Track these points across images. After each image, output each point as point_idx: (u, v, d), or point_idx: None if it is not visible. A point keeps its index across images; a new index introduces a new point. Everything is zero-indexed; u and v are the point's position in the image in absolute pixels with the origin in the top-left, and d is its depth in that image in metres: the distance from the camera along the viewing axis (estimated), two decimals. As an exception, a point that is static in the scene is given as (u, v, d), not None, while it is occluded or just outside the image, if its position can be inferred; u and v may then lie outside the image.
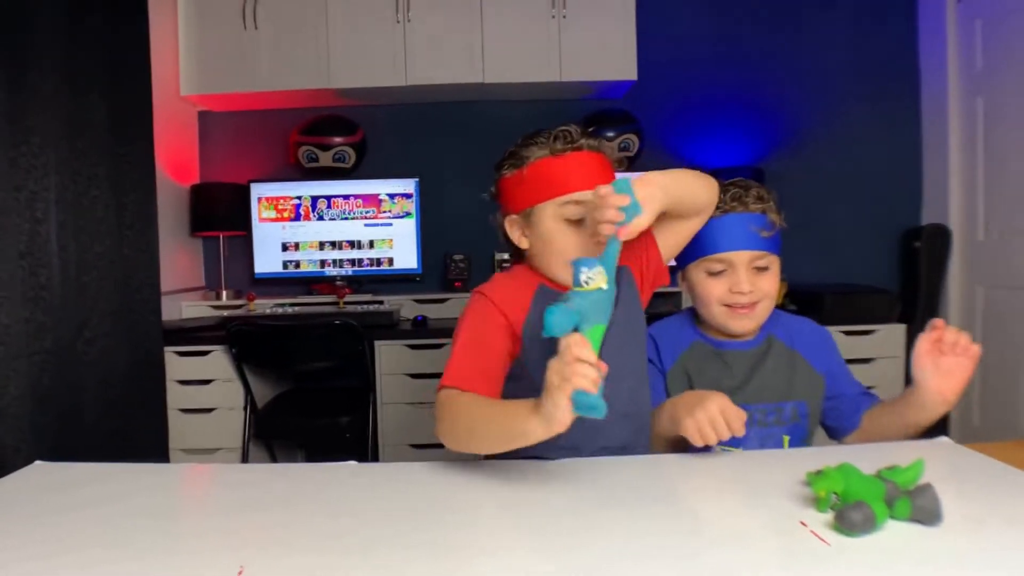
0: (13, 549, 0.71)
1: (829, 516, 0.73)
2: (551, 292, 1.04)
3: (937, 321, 1.05)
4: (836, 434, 1.21)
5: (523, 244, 1.08)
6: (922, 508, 0.71)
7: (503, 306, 1.03)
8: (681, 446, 1.04)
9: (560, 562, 0.66)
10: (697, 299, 1.19)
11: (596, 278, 0.81)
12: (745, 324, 1.15)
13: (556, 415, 0.76)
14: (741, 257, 1.12)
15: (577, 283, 0.81)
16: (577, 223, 1.02)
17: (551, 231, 1.04)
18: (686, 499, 0.84)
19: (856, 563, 0.64)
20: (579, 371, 0.74)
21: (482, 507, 0.82)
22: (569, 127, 1.06)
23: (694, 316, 1.24)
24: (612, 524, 0.76)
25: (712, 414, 0.95)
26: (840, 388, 1.19)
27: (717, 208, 1.14)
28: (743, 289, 1.12)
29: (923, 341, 1.04)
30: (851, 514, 0.68)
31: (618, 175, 1.04)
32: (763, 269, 1.14)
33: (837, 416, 1.19)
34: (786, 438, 1.15)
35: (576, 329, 0.78)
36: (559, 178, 1.03)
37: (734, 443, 1.09)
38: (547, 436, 0.80)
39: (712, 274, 1.15)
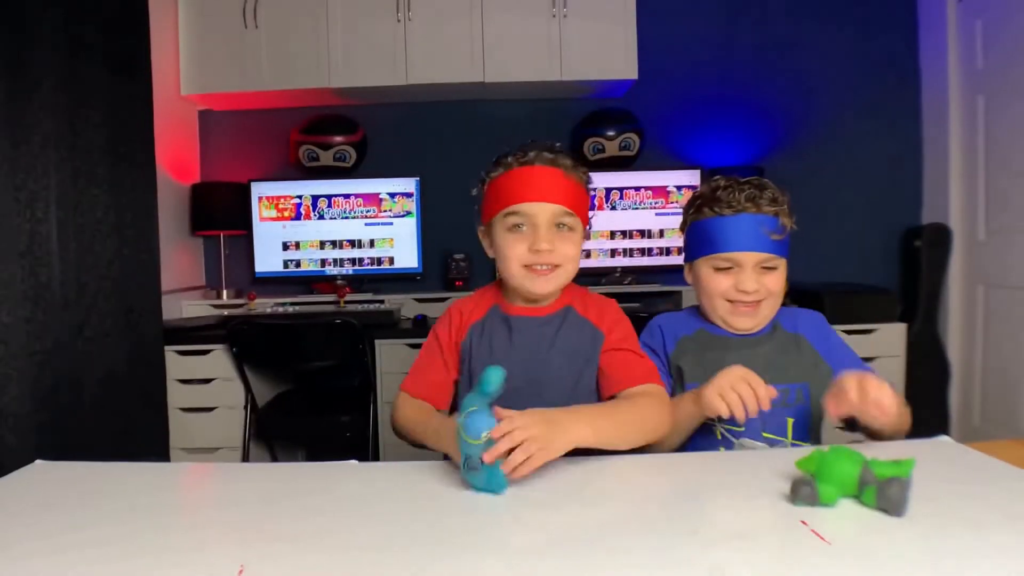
0: (13, 548, 0.71)
1: (827, 514, 0.73)
2: (499, 313, 1.19)
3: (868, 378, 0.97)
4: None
5: (491, 254, 1.19)
6: (886, 497, 0.73)
7: (462, 321, 1.20)
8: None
9: (560, 561, 0.66)
10: (702, 292, 1.21)
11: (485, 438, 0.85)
12: (746, 322, 1.17)
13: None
14: (749, 258, 1.13)
15: (470, 434, 0.85)
16: (522, 233, 1.12)
17: (500, 240, 1.14)
18: (686, 498, 0.84)
19: (856, 563, 0.64)
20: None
21: (483, 506, 0.82)
22: (529, 145, 1.14)
23: (700, 310, 1.26)
24: (612, 523, 0.76)
25: (734, 379, 0.97)
26: (841, 366, 1.16)
27: (730, 207, 1.14)
28: (748, 288, 1.13)
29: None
30: (799, 487, 0.77)
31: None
32: (770, 268, 1.15)
33: None
34: (790, 420, 1.14)
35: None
36: (504, 192, 1.12)
37: (735, 421, 1.07)
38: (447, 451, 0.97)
39: (719, 269, 1.16)
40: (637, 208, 2.85)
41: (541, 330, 1.16)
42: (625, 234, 2.86)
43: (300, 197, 2.83)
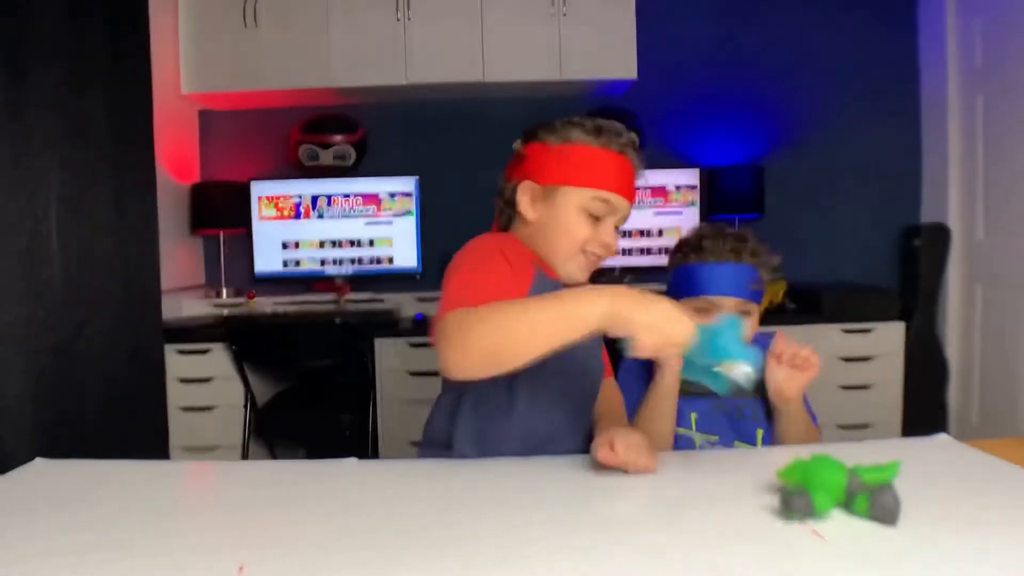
0: (13, 546, 0.71)
1: (840, 525, 0.73)
2: (546, 279, 1.04)
3: (778, 336, 1.16)
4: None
5: (530, 215, 1.06)
6: (880, 506, 0.71)
7: (524, 267, 1.01)
8: None
9: (560, 561, 0.66)
10: None
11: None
12: None
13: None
14: (727, 303, 1.21)
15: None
16: (595, 219, 1.04)
17: (571, 217, 1.03)
18: (684, 498, 0.84)
19: (856, 563, 0.64)
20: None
21: (483, 505, 0.82)
22: (616, 125, 1.06)
23: None
24: (612, 523, 0.76)
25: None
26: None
27: (713, 256, 1.22)
28: None
29: (769, 355, 1.14)
30: (793, 500, 0.72)
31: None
32: (745, 314, 1.22)
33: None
34: (759, 431, 1.22)
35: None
36: (601, 172, 1.03)
37: (711, 430, 1.21)
38: (611, 313, 0.78)
39: (699, 311, 1.22)
40: (636, 208, 2.83)
41: None
42: (624, 234, 2.85)
43: (300, 196, 2.83)
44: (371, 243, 2.85)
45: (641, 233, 2.87)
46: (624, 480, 0.90)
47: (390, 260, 2.86)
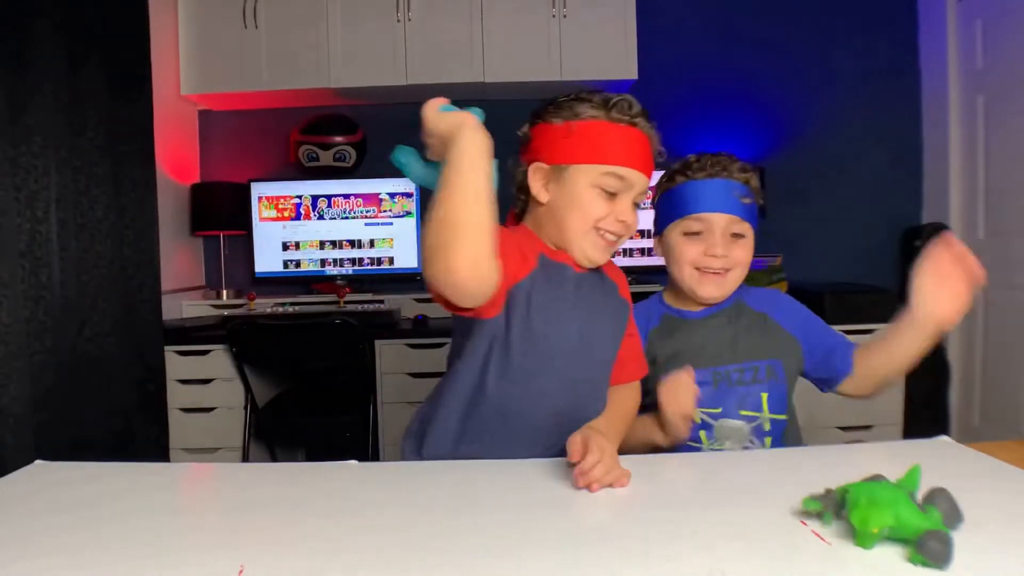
0: (13, 548, 0.71)
1: (840, 525, 0.73)
2: (551, 263, 1.03)
3: (948, 235, 1.03)
4: (830, 384, 1.20)
5: (542, 197, 1.03)
6: (948, 513, 0.67)
7: (525, 249, 1.01)
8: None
9: (560, 561, 0.66)
10: (671, 261, 1.21)
11: None
12: (713, 290, 1.17)
13: (456, 120, 0.92)
14: (719, 219, 1.15)
15: None
16: (610, 195, 1.01)
17: (583, 195, 1.00)
18: (685, 499, 0.84)
19: (856, 563, 0.64)
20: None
21: (483, 506, 0.82)
22: (627, 97, 1.03)
23: (663, 294, 1.28)
24: (611, 523, 0.76)
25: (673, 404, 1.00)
26: (822, 340, 1.19)
27: (701, 171, 1.17)
28: (717, 252, 1.14)
29: (928, 260, 1.03)
30: (933, 544, 0.62)
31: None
32: (738, 236, 1.16)
33: (829, 367, 1.18)
34: (764, 395, 1.15)
35: None
36: (610, 146, 1.00)
37: (715, 403, 1.13)
38: (478, 141, 0.87)
39: (688, 234, 1.17)
40: (637, 208, 2.84)
41: (595, 287, 1.08)
42: (625, 234, 2.85)
43: (300, 197, 2.83)
44: (371, 244, 2.85)
45: (641, 234, 2.87)
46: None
47: (390, 261, 2.86)
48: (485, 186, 0.85)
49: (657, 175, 1.11)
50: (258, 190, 2.83)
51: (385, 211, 2.84)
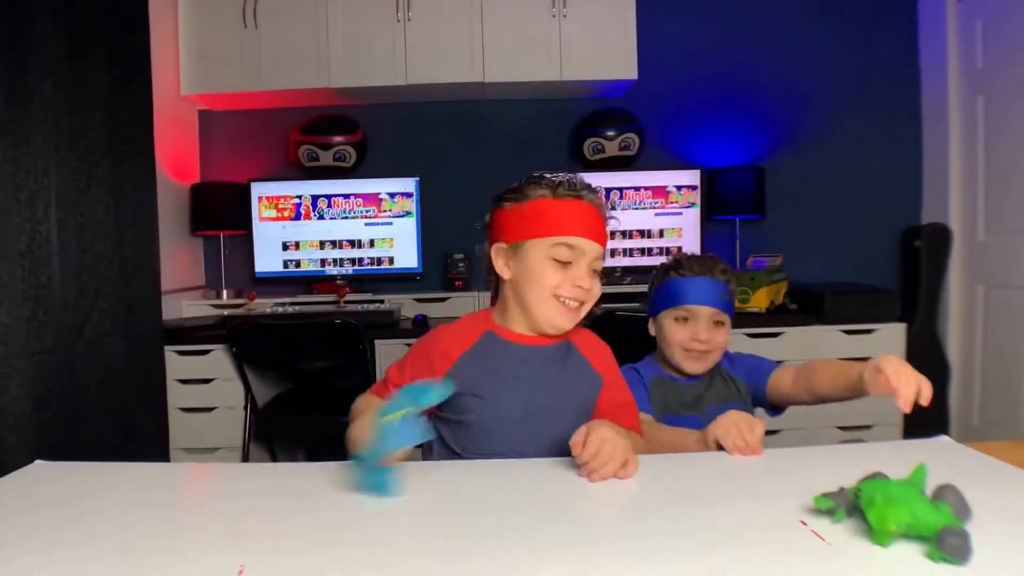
0: (13, 548, 0.71)
1: (828, 515, 0.73)
2: (496, 340, 1.14)
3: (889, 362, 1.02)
4: (768, 399, 1.39)
5: (505, 274, 1.13)
6: (958, 509, 0.68)
7: (448, 343, 1.13)
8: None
9: (560, 561, 0.66)
10: (663, 341, 1.43)
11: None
12: (697, 367, 1.40)
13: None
14: (705, 311, 1.38)
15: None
16: (562, 264, 1.09)
17: (538, 267, 1.09)
18: (685, 499, 0.84)
19: (856, 562, 0.64)
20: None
21: (482, 506, 0.82)
22: (574, 176, 1.13)
23: (656, 359, 1.50)
24: (612, 524, 0.76)
25: (736, 419, 1.05)
26: (758, 370, 1.42)
27: (691, 271, 1.40)
28: (701, 337, 1.37)
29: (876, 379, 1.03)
30: (953, 540, 0.62)
31: None
32: (719, 324, 1.39)
33: (758, 395, 1.40)
34: None
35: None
36: (557, 220, 1.09)
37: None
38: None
39: (678, 320, 1.39)
40: (637, 208, 2.85)
41: (546, 361, 1.14)
42: (625, 234, 2.86)
43: (300, 197, 2.83)
44: (371, 243, 2.85)
45: (641, 234, 2.87)
46: (624, 481, 0.89)
47: (390, 261, 2.86)
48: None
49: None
50: (258, 190, 2.83)
51: (385, 211, 2.84)
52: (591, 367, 1.18)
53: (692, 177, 2.85)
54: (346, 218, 2.84)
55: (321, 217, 2.83)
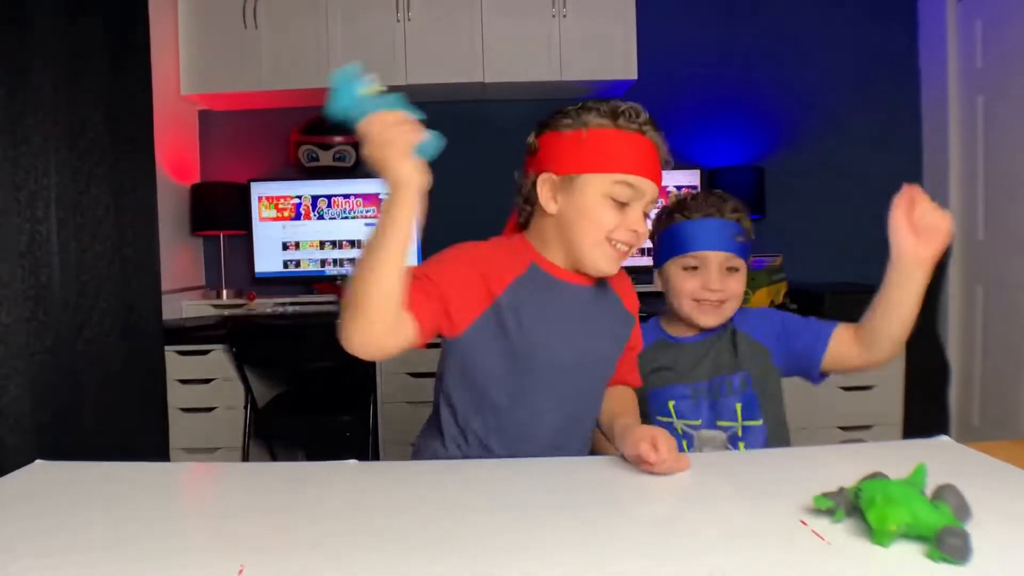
0: (13, 548, 0.71)
1: (828, 514, 0.73)
2: (542, 273, 1.02)
3: (912, 188, 1.07)
4: (810, 374, 1.25)
5: (551, 208, 1.00)
6: (958, 509, 0.68)
7: (499, 262, 1.01)
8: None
9: (560, 561, 0.66)
10: (670, 292, 1.28)
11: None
12: (711, 319, 1.24)
13: (403, 174, 0.84)
14: (715, 257, 1.21)
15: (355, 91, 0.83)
16: (620, 205, 0.98)
17: (594, 205, 0.98)
18: (685, 498, 0.84)
19: (856, 562, 0.64)
20: (402, 130, 0.83)
21: (482, 506, 0.82)
22: (634, 105, 1.02)
23: (659, 320, 1.35)
24: (612, 523, 0.76)
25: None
26: (796, 333, 1.26)
27: (697, 212, 1.23)
28: (714, 287, 1.21)
29: (898, 207, 1.08)
30: (953, 540, 0.62)
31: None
32: (733, 270, 1.23)
33: (801, 359, 1.24)
34: (738, 405, 1.22)
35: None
36: (620, 155, 0.98)
37: (695, 415, 1.22)
38: (409, 202, 0.86)
39: (687, 269, 1.23)
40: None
41: (589, 301, 1.06)
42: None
43: (300, 197, 2.83)
44: (371, 244, 2.85)
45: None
46: (623, 480, 0.89)
47: (390, 261, 2.86)
48: (403, 263, 0.89)
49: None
50: (258, 190, 2.83)
51: (385, 211, 2.83)
52: (623, 307, 1.12)
53: (692, 177, 2.84)
54: (346, 218, 2.84)
55: (321, 217, 2.83)
